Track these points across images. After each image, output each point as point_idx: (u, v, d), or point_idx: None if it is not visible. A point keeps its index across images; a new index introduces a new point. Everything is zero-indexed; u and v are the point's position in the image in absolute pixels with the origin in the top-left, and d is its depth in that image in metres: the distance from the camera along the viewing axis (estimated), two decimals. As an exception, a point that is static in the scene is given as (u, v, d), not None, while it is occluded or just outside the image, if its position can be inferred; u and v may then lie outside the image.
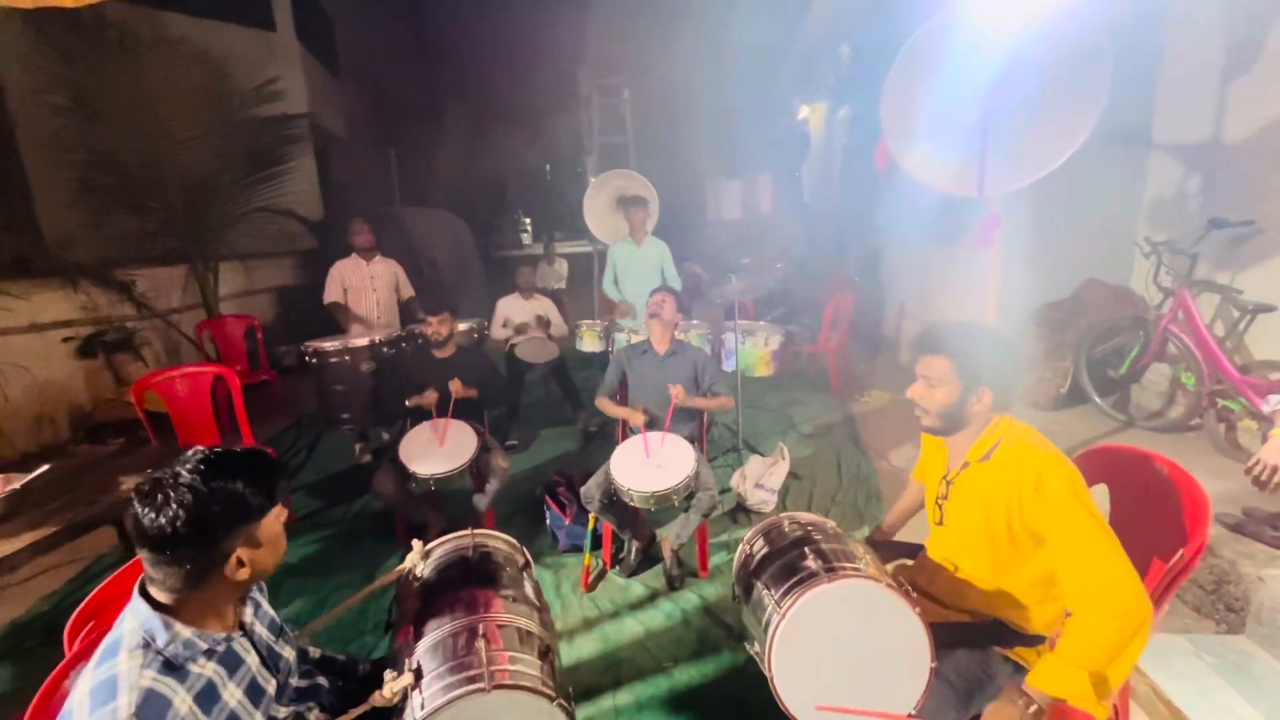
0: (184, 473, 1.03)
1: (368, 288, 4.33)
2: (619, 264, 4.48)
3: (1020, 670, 1.41)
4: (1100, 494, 1.57)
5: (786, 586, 1.29)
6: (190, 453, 1.06)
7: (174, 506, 0.99)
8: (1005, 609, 1.43)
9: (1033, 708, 1.21)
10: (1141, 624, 1.20)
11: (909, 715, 1.24)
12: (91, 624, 1.35)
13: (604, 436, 4.44)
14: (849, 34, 7.53)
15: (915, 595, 1.27)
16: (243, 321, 5.51)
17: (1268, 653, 1.97)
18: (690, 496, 2.56)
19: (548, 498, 3.18)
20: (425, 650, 1.24)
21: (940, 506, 1.52)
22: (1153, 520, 1.47)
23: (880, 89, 2.84)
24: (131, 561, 1.46)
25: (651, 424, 2.81)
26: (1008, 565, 1.40)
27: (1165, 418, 3.35)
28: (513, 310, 4.92)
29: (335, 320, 4.34)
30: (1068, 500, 1.26)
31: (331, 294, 4.29)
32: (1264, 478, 1.75)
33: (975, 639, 1.43)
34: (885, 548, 1.76)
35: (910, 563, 1.71)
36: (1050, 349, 3.84)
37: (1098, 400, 3.60)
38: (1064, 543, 1.26)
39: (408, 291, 4.53)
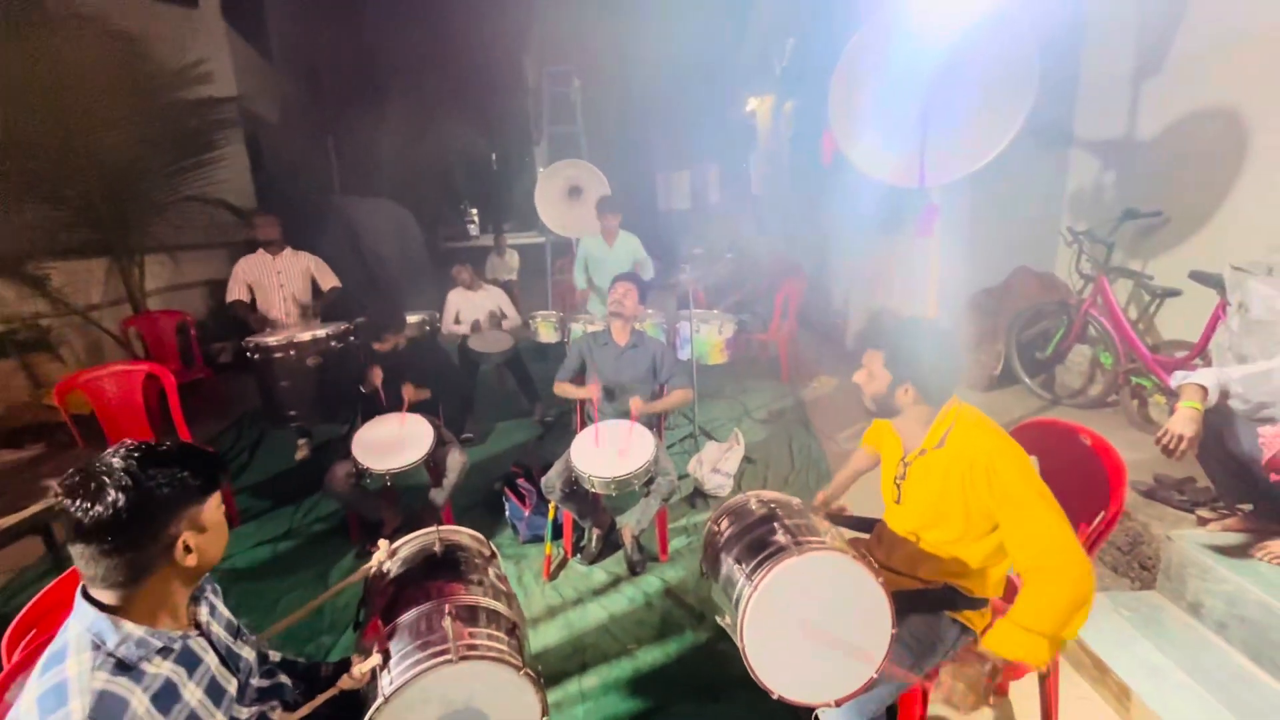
0: (116, 461, 0.99)
1: (274, 285, 4.04)
2: (591, 262, 4.46)
3: (966, 631, 1.52)
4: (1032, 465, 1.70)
5: (757, 560, 1.34)
6: (115, 447, 1.03)
7: (112, 492, 0.96)
8: (956, 576, 1.54)
9: (988, 666, 1.32)
10: (1089, 590, 1.31)
11: (872, 677, 1.31)
12: (32, 634, 1.28)
13: (561, 427, 4.44)
14: (794, 29, 7.69)
15: (876, 565, 1.35)
16: (173, 317, 5.22)
17: (1175, 605, 2.17)
18: (650, 481, 2.61)
19: (507, 489, 3.16)
20: (393, 636, 1.24)
21: (898, 486, 1.61)
22: (1079, 486, 1.61)
23: (824, 83, 2.93)
24: (67, 573, 1.39)
25: (608, 395, 2.85)
26: (960, 538, 1.50)
27: (1086, 395, 3.61)
28: (464, 303, 4.86)
29: (242, 321, 4.04)
30: (1018, 482, 1.37)
31: (232, 293, 3.99)
32: (1171, 446, 1.91)
33: (927, 604, 1.53)
34: (842, 522, 1.85)
35: (866, 537, 1.81)
36: (985, 333, 4.07)
37: (1027, 380, 3.84)
38: (1014, 521, 1.37)
39: (330, 282, 4.21)
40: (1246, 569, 1.97)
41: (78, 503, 0.95)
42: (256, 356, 3.64)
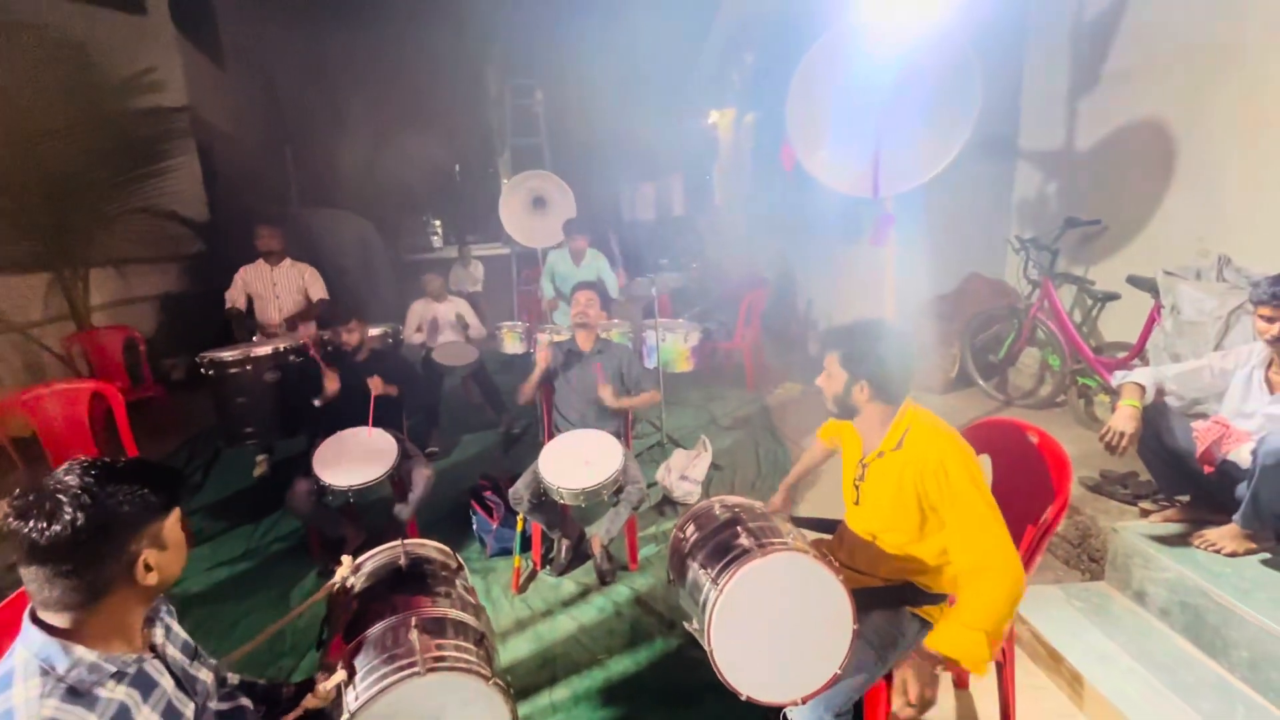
0: (71, 479, 0.96)
1: (270, 294, 4.08)
2: (557, 277, 4.52)
3: (926, 625, 1.57)
4: (984, 463, 1.77)
5: (722, 564, 1.37)
6: (68, 464, 0.99)
7: (69, 511, 0.92)
8: (914, 574, 1.59)
9: (938, 667, 1.37)
10: (1019, 591, 1.39)
11: (836, 674, 1.34)
12: (-31, 667, 1.22)
13: (528, 439, 4.41)
14: (753, 42, 7.87)
15: (837, 565, 1.38)
16: (120, 333, 5.02)
17: (1122, 594, 2.27)
18: (619, 491, 2.62)
19: (474, 502, 3.13)
20: (358, 651, 1.22)
21: (857, 488, 1.66)
22: (1027, 481, 1.68)
23: (783, 95, 3.02)
24: (11, 597, 1.34)
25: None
26: (918, 537, 1.55)
27: (1037, 396, 3.76)
28: (426, 313, 4.81)
29: (231, 328, 4.06)
30: (965, 485, 1.43)
31: (230, 299, 4.05)
32: (1114, 443, 2.02)
33: (888, 601, 1.57)
34: (804, 524, 1.89)
35: (829, 537, 1.85)
36: (940, 338, 4.21)
37: (981, 383, 3.97)
38: (959, 523, 1.43)
39: (319, 293, 4.23)
40: (1185, 557, 2.08)
41: (31, 523, 0.92)
42: (211, 372, 3.53)
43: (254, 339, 4.01)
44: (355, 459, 2.76)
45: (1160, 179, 3.26)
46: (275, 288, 4.08)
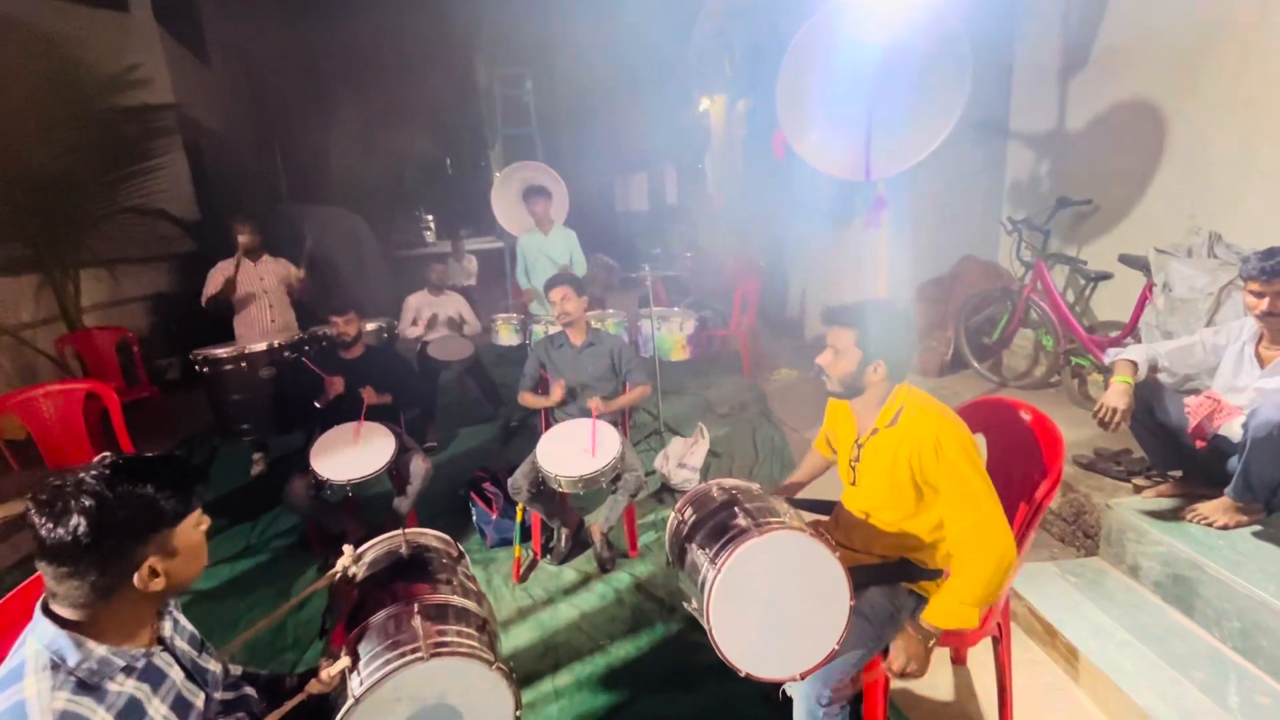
0: (87, 479, 0.96)
1: (256, 289, 4.04)
2: (527, 255, 4.48)
3: (922, 601, 1.59)
4: (979, 441, 1.78)
5: (720, 544, 1.38)
6: (97, 459, 1.00)
7: (74, 515, 0.93)
8: (910, 550, 1.61)
9: (931, 640, 1.41)
10: (1010, 564, 1.42)
11: (834, 649, 1.36)
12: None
13: (525, 430, 4.42)
14: (743, 28, 7.82)
15: (834, 543, 1.40)
16: (113, 334, 5.00)
17: (1117, 569, 2.30)
18: (617, 479, 2.63)
19: (473, 494, 3.14)
20: (361, 638, 1.23)
21: (853, 469, 1.67)
22: (1021, 459, 1.70)
23: (774, 81, 3.00)
24: (24, 583, 1.35)
25: (571, 395, 2.87)
26: (913, 514, 1.57)
27: (1031, 377, 3.78)
28: (423, 306, 4.80)
29: (220, 313, 3.99)
30: (960, 462, 1.44)
31: (208, 292, 3.93)
32: (1106, 419, 2.04)
33: (885, 577, 1.59)
34: (802, 506, 1.90)
35: (826, 519, 1.86)
36: (934, 321, 4.22)
37: (976, 365, 3.99)
38: (953, 499, 1.46)
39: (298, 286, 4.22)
40: (1178, 531, 2.10)
41: (42, 520, 0.93)
42: (206, 369, 3.52)
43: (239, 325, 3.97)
44: (353, 453, 2.77)
45: (1151, 158, 3.27)
46: (262, 282, 4.04)
